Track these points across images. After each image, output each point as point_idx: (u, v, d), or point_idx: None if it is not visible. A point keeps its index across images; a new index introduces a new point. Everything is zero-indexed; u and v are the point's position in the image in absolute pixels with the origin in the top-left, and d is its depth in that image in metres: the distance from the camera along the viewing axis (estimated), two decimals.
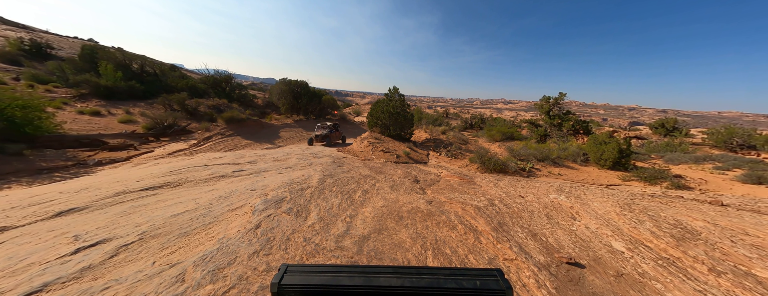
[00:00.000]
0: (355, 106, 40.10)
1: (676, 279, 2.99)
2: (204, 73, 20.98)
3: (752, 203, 5.60)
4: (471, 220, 4.29)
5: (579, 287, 2.82)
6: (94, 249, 3.02)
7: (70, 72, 16.12)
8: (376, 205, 4.63)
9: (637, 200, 5.61)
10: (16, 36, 22.81)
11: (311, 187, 5.34)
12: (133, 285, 2.41)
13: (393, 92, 14.22)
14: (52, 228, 3.52)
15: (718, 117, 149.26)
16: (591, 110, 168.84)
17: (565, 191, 6.33)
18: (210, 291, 2.33)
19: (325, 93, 22.90)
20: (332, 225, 3.73)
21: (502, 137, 15.86)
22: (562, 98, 16.54)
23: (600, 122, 42.62)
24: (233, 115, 15.40)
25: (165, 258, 2.88)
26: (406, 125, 13.47)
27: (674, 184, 7.81)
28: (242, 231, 3.39)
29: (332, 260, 2.95)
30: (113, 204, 4.37)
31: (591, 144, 10.97)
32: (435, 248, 3.36)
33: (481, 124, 22.38)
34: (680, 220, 4.44)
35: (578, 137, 15.90)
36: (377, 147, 10.89)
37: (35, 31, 29.38)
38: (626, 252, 3.57)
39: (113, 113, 13.67)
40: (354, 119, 24.48)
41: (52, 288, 2.36)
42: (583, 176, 9.15)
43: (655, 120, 21.01)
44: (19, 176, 6.70)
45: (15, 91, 9.25)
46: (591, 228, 4.30)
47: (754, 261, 3.22)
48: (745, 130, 14.01)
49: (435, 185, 6.41)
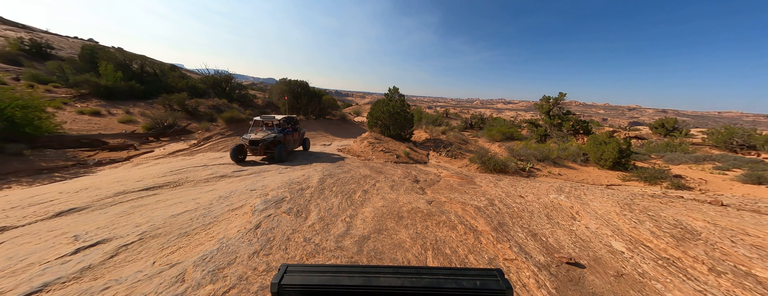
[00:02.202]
0: (355, 106, 40.11)
1: (676, 279, 2.99)
2: (204, 73, 20.98)
3: (752, 204, 5.60)
4: (471, 220, 4.29)
5: (579, 287, 2.82)
6: (94, 249, 3.02)
7: (70, 72, 16.12)
8: (376, 205, 4.63)
9: (637, 201, 5.61)
10: (16, 36, 22.81)
11: (311, 187, 5.34)
12: (133, 285, 2.41)
13: (393, 92, 14.22)
14: (52, 227, 3.52)
15: (718, 117, 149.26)
16: (591, 110, 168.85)
17: (565, 191, 6.33)
18: (210, 291, 2.33)
19: (325, 93, 22.89)
20: (332, 225, 3.73)
21: (502, 137, 15.85)
22: (562, 98, 16.54)
23: (600, 122, 42.64)
24: (233, 115, 15.40)
25: (165, 258, 2.88)
26: (406, 125, 13.47)
27: (674, 184, 7.81)
28: (242, 231, 3.39)
29: (332, 260, 2.95)
30: (113, 204, 4.37)
31: (591, 144, 10.97)
32: (435, 248, 3.36)
33: (481, 124, 22.38)
34: (680, 220, 4.44)
35: (578, 137, 15.89)
36: (377, 147, 10.89)
37: (35, 31, 29.38)
38: (626, 252, 3.57)
39: (113, 113, 13.67)
40: (354, 119, 24.48)
41: (52, 288, 2.36)
42: (583, 176, 9.14)
43: (655, 120, 21.01)
44: (19, 176, 6.70)
45: (15, 91, 9.25)
46: (591, 228, 4.30)
47: (754, 261, 3.22)
48: (745, 130, 14.01)
49: (435, 185, 6.41)
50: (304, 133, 10.84)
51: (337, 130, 18.97)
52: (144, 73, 19.28)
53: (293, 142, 9.44)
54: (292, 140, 9.37)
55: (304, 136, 10.78)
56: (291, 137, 9.23)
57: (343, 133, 18.31)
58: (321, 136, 16.71)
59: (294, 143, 9.58)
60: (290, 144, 9.14)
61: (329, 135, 17.26)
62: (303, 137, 10.70)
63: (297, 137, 9.79)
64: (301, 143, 10.49)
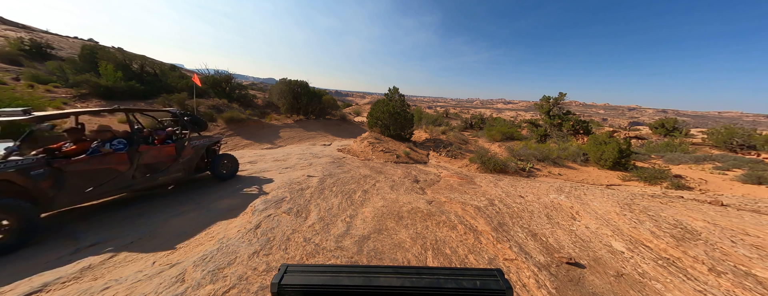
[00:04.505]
0: (355, 106, 40.10)
1: (676, 279, 2.99)
2: (204, 73, 20.98)
3: (752, 204, 5.60)
4: (471, 220, 4.29)
5: (579, 287, 2.82)
6: (94, 249, 3.03)
7: (70, 72, 16.11)
8: (376, 205, 4.63)
9: (637, 201, 5.61)
10: (16, 36, 22.81)
11: (311, 187, 5.34)
12: (133, 285, 2.41)
13: (393, 92, 14.22)
14: None
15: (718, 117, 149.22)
16: (591, 110, 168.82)
17: (565, 191, 6.33)
18: (210, 291, 2.33)
19: (325, 93, 22.88)
20: (332, 225, 3.73)
21: (502, 137, 15.85)
22: (562, 98, 16.54)
23: (600, 122, 42.63)
24: (233, 115, 15.39)
25: (165, 258, 2.89)
26: (406, 125, 13.46)
27: (674, 184, 7.80)
28: (242, 231, 3.39)
29: (332, 260, 2.95)
30: None
31: (591, 144, 10.97)
32: (435, 248, 3.36)
33: (481, 124, 22.38)
34: (680, 220, 4.44)
35: (578, 137, 15.89)
36: (377, 147, 10.89)
37: (35, 31, 29.38)
38: (626, 252, 3.57)
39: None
40: (354, 119, 24.48)
41: (51, 289, 2.37)
42: (583, 176, 9.14)
43: (655, 120, 21.01)
44: None
45: (15, 91, 9.24)
46: (591, 228, 4.30)
47: (754, 261, 3.22)
48: (745, 130, 14.00)
49: (435, 185, 6.41)
50: (216, 145, 5.86)
51: (337, 130, 18.98)
52: (144, 73, 19.28)
53: (146, 169, 4.30)
54: (150, 158, 4.31)
55: (216, 149, 5.91)
56: (183, 149, 4.81)
57: (343, 133, 18.32)
58: (321, 136, 16.73)
59: (158, 168, 4.46)
60: (130, 172, 4.01)
61: (329, 135, 17.28)
62: (213, 152, 5.83)
63: (167, 154, 4.56)
64: (231, 168, 5.79)
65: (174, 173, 4.69)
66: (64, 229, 3.45)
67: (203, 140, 5.36)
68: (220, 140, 5.95)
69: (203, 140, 5.35)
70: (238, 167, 5.99)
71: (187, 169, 4.97)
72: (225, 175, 5.67)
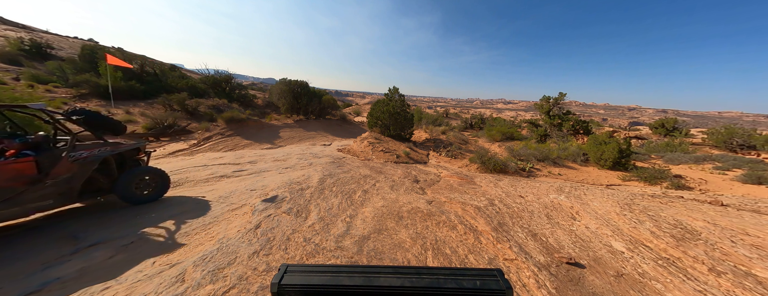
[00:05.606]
0: (355, 106, 40.08)
1: (676, 279, 2.99)
2: (204, 73, 20.99)
3: (752, 204, 5.60)
4: (471, 220, 4.29)
5: (579, 287, 2.82)
6: (94, 249, 3.03)
7: (70, 72, 16.12)
8: (376, 205, 4.63)
9: (637, 201, 5.61)
10: (16, 36, 22.81)
11: (311, 187, 5.34)
12: (133, 285, 2.41)
13: (393, 92, 14.21)
14: None
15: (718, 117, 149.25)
16: (591, 110, 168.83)
17: (565, 192, 6.33)
18: (210, 291, 2.32)
19: (325, 93, 22.87)
20: (332, 225, 3.73)
21: (502, 137, 15.84)
22: (562, 98, 16.54)
23: (600, 122, 42.62)
24: (233, 115, 15.39)
25: (165, 258, 2.89)
26: (406, 125, 13.46)
27: (674, 184, 7.80)
28: (242, 231, 3.39)
29: (332, 260, 2.95)
30: None
31: (591, 144, 10.96)
32: (435, 248, 3.36)
33: (481, 124, 22.37)
34: (680, 220, 4.44)
35: (578, 137, 15.89)
36: (377, 147, 10.89)
37: (35, 31, 29.37)
38: (626, 252, 3.57)
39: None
40: (354, 119, 24.47)
41: (51, 289, 2.36)
42: (583, 176, 9.14)
43: (655, 120, 21.01)
44: None
45: (15, 91, 9.24)
46: (591, 228, 4.30)
47: (754, 261, 3.22)
48: (745, 130, 14.00)
49: (435, 185, 6.41)
50: (139, 154, 4.48)
51: (337, 130, 18.97)
52: (144, 73, 19.28)
53: None
54: None
55: (141, 159, 4.55)
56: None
57: (343, 133, 18.32)
58: (321, 136, 16.72)
59: None
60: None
61: (329, 135, 17.27)
62: (134, 163, 4.40)
63: (14, 174, 3.01)
64: (118, 181, 3.95)
65: (32, 203, 3.16)
66: (64, 229, 3.38)
67: (103, 148, 3.75)
68: (142, 147, 4.39)
69: (102, 149, 3.74)
70: (167, 185, 4.42)
71: (65, 193, 3.41)
72: (140, 198, 4.08)
